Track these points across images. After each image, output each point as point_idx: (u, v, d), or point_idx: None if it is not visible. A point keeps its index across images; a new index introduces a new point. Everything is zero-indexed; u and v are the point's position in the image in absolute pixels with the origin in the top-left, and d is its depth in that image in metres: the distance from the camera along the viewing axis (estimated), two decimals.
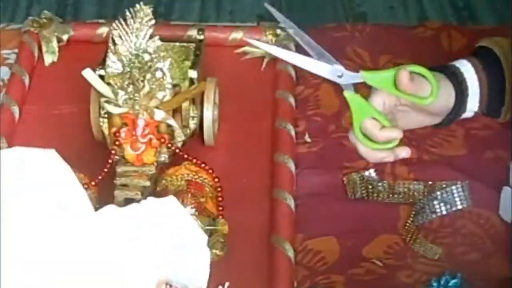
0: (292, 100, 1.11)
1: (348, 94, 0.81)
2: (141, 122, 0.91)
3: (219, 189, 0.92)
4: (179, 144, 0.97)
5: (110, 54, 0.92)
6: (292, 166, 1.02)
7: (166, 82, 0.91)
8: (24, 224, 0.66)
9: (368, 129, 0.80)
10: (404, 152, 0.83)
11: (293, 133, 1.07)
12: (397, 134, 0.81)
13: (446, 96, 0.86)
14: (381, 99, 0.82)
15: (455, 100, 0.87)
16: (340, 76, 0.80)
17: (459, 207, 0.99)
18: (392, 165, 1.03)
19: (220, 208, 0.90)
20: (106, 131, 0.99)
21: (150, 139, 0.92)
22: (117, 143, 0.92)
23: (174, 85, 0.96)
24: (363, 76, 0.81)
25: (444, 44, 1.22)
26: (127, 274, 0.67)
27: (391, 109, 0.83)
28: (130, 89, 0.90)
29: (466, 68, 0.88)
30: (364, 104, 0.80)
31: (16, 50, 1.20)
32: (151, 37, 0.91)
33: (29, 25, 1.21)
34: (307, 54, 0.82)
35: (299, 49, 0.81)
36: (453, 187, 0.99)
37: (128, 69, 0.90)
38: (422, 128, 1.05)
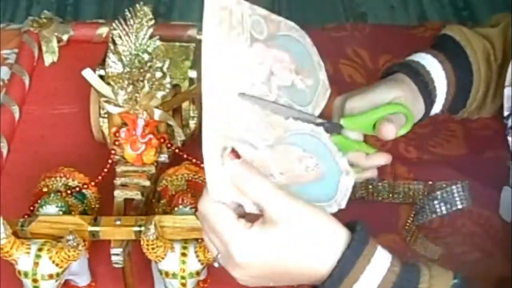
0: None
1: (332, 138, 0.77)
2: (141, 122, 0.91)
3: None
4: (179, 144, 0.97)
5: (110, 54, 0.92)
6: None
7: (166, 82, 0.91)
8: None
9: (353, 162, 0.78)
10: (384, 159, 0.80)
11: None
12: (387, 159, 0.79)
13: (417, 115, 0.84)
14: (356, 131, 0.80)
15: (424, 112, 0.86)
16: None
17: (459, 207, 0.99)
18: (392, 165, 1.03)
19: None
20: (106, 131, 0.99)
21: (150, 139, 0.92)
22: (117, 143, 0.92)
23: (174, 85, 0.96)
24: (342, 123, 0.79)
25: None
26: None
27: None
28: (130, 89, 0.90)
29: (436, 72, 0.86)
30: (345, 142, 0.78)
31: (16, 50, 1.20)
32: (151, 37, 0.91)
33: (29, 25, 1.21)
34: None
35: None
36: (453, 187, 0.99)
37: (128, 69, 0.90)
38: (422, 128, 1.05)
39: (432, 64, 0.87)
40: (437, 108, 0.88)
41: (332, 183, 0.72)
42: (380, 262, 0.64)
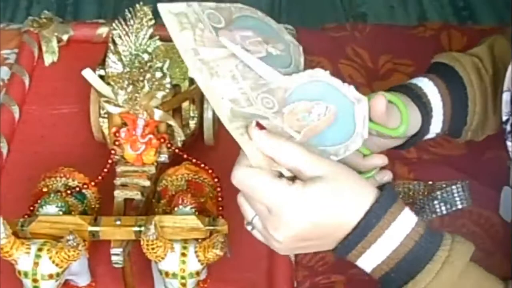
0: None
1: None
2: (141, 122, 0.91)
3: (219, 189, 0.92)
4: (179, 144, 0.97)
5: (110, 54, 0.92)
6: None
7: (166, 82, 0.91)
8: None
9: (350, 161, 0.77)
10: (387, 176, 0.82)
11: None
12: (383, 160, 0.80)
13: (413, 122, 0.84)
14: None
15: (421, 124, 0.86)
16: None
17: (459, 207, 0.98)
18: (392, 165, 1.03)
19: (220, 208, 0.90)
20: (106, 131, 0.99)
21: (150, 139, 0.92)
22: (117, 143, 0.92)
23: (174, 85, 0.96)
24: None
25: (444, 44, 1.22)
26: None
27: None
28: (130, 89, 0.90)
29: (429, 88, 0.87)
30: None
31: (16, 50, 1.20)
32: (151, 37, 0.91)
33: (29, 25, 1.21)
34: None
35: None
36: (453, 187, 0.99)
37: (128, 69, 0.90)
38: None
39: (423, 82, 0.87)
40: (437, 126, 0.88)
41: (347, 117, 0.73)
42: (405, 221, 0.67)
